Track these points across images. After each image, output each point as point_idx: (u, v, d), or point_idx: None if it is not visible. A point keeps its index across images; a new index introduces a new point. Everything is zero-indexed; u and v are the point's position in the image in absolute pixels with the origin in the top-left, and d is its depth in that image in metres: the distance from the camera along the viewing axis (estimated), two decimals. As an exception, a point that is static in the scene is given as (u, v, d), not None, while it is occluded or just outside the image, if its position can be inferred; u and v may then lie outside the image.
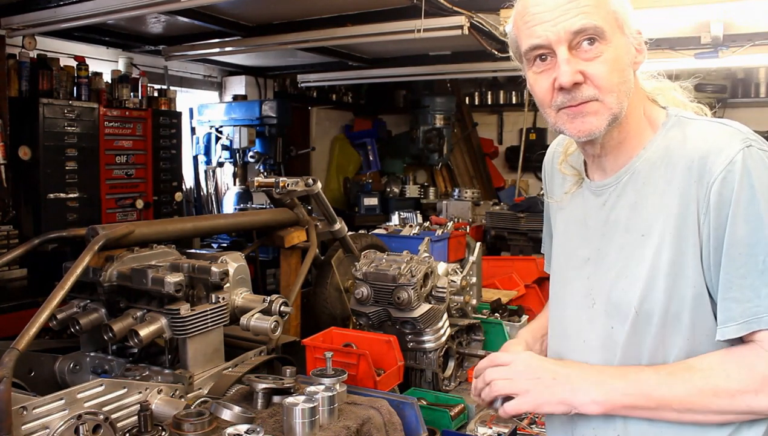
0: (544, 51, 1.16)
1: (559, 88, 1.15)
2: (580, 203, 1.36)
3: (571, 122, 1.18)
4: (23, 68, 4.20)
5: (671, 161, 1.18)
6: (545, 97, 1.19)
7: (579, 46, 1.14)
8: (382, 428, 1.75)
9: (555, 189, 1.47)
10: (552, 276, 1.45)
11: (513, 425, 2.13)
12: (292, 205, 3.00)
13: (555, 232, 1.47)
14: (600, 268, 1.26)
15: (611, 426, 1.23)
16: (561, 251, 1.41)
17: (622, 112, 1.18)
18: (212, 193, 6.26)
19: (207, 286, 2.06)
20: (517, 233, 4.96)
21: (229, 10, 4.22)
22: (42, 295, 1.90)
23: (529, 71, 1.22)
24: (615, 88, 1.15)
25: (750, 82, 7.06)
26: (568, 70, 1.13)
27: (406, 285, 2.27)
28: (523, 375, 1.23)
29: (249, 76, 6.56)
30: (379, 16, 4.10)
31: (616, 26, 1.16)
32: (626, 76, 1.17)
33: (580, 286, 1.30)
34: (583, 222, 1.33)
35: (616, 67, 1.15)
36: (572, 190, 1.38)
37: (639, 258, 1.18)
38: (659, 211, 1.17)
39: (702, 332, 1.15)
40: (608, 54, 1.14)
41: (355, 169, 8.13)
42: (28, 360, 2.02)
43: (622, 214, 1.24)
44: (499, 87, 8.48)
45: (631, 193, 1.23)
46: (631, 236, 1.21)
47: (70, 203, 4.30)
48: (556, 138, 1.51)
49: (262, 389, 1.76)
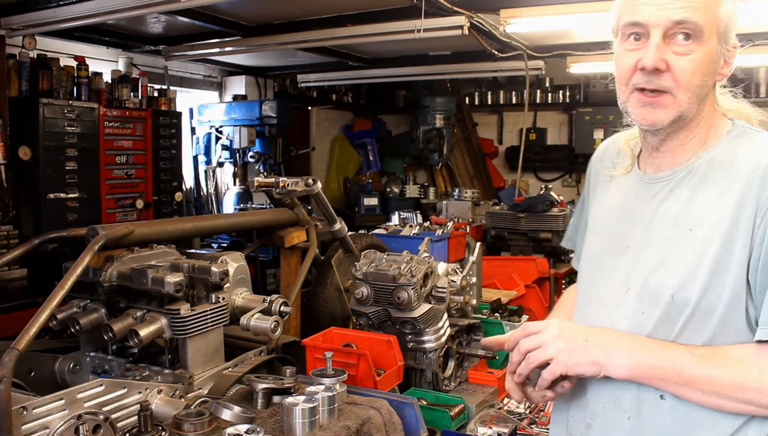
0: (640, 30, 1.20)
1: (641, 68, 1.19)
2: (623, 191, 1.40)
3: (640, 109, 1.23)
4: (23, 68, 4.20)
5: (733, 166, 1.22)
6: (625, 74, 1.24)
7: (674, 37, 1.18)
8: (382, 428, 1.76)
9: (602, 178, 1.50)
10: (584, 263, 1.47)
11: (513, 425, 2.13)
12: (292, 205, 3.00)
13: (590, 221, 1.50)
14: (641, 256, 1.29)
15: (621, 409, 1.26)
16: (599, 238, 1.43)
17: (690, 112, 1.22)
18: (212, 193, 6.26)
19: (207, 286, 2.06)
20: (517, 233, 4.95)
21: (229, 10, 4.22)
22: (42, 295, 1.90)
23: (620, 46, 1.26)
24: (692, 88, 1.20)
25: (750, 82, 7.05)
26: (656, 54, 1.17)
27: (406, 285, 2.27)
28: (555, 339, 1.24)
29: (249, 76, 6.56)
30: (379, 16, 4.11)
31: (716, 32, 1.20)
32: (706, 82, 1.22)
33: (617, 272, 1.32)
34: (624, 211, 1.37)
35: (701, 70, 1.19)
36: (621, 172, 1.42)
37: (683, 250, 1.21)
38: (712, 210, 1.20)
39: (731, 330, 1.18)
40: (698, 54, 1.18)
41: (355, 169, 8.13)
42: (28, 360, 2.02)
43: (672, 208, 1.27)
44: (499, 87, 8.48)
45: (686, 189, 1.26)
46: (678, 230, 1.24)
47: (70, 203, 4.29)
48: (607, 139, 1.57)
49: (262, 389, 1.76)
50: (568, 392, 1.34)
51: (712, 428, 1.19)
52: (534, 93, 8.00)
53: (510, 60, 4.90)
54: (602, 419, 1.30)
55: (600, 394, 1.30)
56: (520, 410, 2.30)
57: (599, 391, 1.30)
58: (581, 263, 1.49)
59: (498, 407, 2.32)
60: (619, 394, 1.27)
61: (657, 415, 1.22)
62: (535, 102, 8.11)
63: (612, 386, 1.27)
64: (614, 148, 1.50)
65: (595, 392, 1.31)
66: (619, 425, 1.27)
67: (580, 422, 1.35)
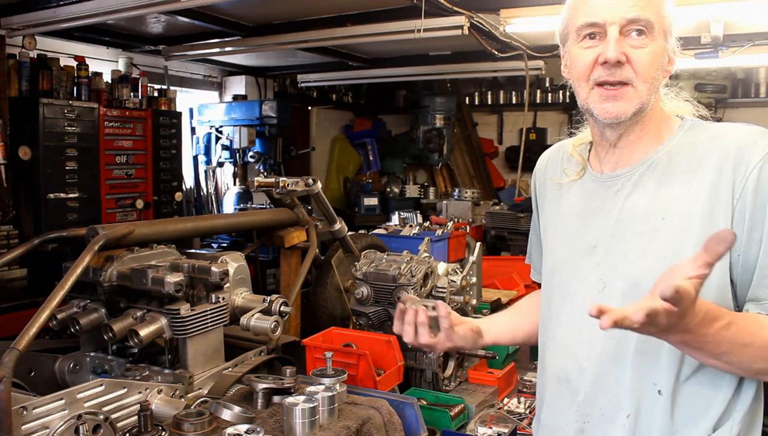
0: (596, 30, 1.26)
1: (602, 62, 1.24)
2: (579, 195, 1.41)
3: (602, 103, 1.27)
4: (23, 68, 4.20)
5: (696, 154, 1.26)
6: (584, 70, 1.28)
7: (629, 34, 1.24)
8: (382, 428, 1.76)
9: (549, 187, 1.53)
10: (548, 272, 1.47)
11: (513, 425, 2.13)
12: (292, 205, 3.00)
13: (546, 231, 1.51)
14: (614, 252, 1.29)
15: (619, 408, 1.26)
16: (560, 245, 1.43)
17: (648, 105, 1.27)
18: (212, 193, 6.26)
19: (207, 286, 2.06)
20: (517, 233, 4.96)
21: (229, 10, 4.22)
22: (42, 295, 1.90)
23: (574, 46, 1.31)
24: (649, 80, 1.25)
25: (750, 82, 7.05)
26: (616, 47, 1.22)
27: (406, 285, 2.27)
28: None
29: (249, 76, 6.57)
30: (379, 16, 4.11)
31: (663, 29, 1.26)
32: (659, 75, 1.27)
33: (588, 273, 1.33)
34: (586, 212, 1.38)
35: (655, 62, 1.25)
36: (572, 178, 1.44)
37: (661, 240, 1.23)
38: (684, 198, 1.23)
39: None
40: (651, 48, 1.24)
41: (355, 169, 8.13)
42: (28, 360, 2.02)
43: (640, 201, 1.29)
44: (499, 87, 8.48)
45: (649, 182, 1.29)
46: (651, 221, 1.26)
47: (70, 203, 4.30)
48: (551, 148, 1.60)
49: (262, 389, 1.76)
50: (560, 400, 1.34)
51: (707, 412, 1.21)
52: (534, 93, 8.00)
53: (510, 60, 4.90)
54: (599, 420, 1.29)
55: (596, 396, 1.29)
56: (521, 410, 2.30)
57: (595, 393, 1.29)
58: (544, 272, 1.50)
59: (498, 407, 2.32)
60: (617, 392, 1.26)
61: (655, 411, 1.22)
62: (535, 102, 8.10)
63: (609, 386, 1.27)
64: (560, 156, 1.52)
65: (590, 395, 1.30)
66: (618, 423, 1.26)
67: (573, 427, 1.33)
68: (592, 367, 1.30)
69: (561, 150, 1.54)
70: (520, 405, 2.33)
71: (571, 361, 1.34)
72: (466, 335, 1.47)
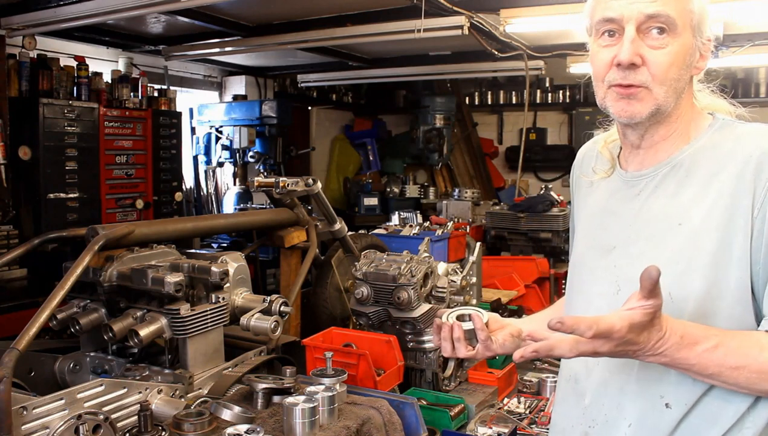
0: (614, 26, 1.20)
1: (617, 64, 1.19)
2: (606, 193, 1.38)
3: (617, 102, 1.22)
4: (23, 68, 4.20)
5: (719, 157, 1.20)
6: (601, 70, 1.23)
7: (648, 32, 1.17)
8: (382, 428, 1.76)
9: (583, 182, 1.50)
10: (570, 269, 1.46)
11: (513, 425, 2.13)
12: (292, 205, 3.00)
13: (577, 225, 1.49)
14: (628, 255, 1.26)
15: (622, 417, 1.24)
16: (583, 241, 1.42)
17: (667, 106, 1.21)
18: (212, 193, 6.26)
19: (207, 286, 2.06)
20: (517, 233, 4.95)
21: (229, 10, 4.22)
22: (42, 295, 1.90)
23: (594, 43, 1.26)
24: (668, 82, 1.19)
25: (750, 82, 7.06)
26: (630, 48, 1.16)
27: (406, 285, 2.27)
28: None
29: (249, 76, 6.57)
30: (379, 16, 4.11)
31: (690, 25, 1.19)
32: (682, 75, 1.21)
33: (605, 274, 1.30)
34: (608, 211, 1.35)
35: (676, 63, 1.18)
36: (602, 176, 1.41)
37: (675, 245, 1.19)
38: (702, 202, 1.18)
39: (738, 327, 1.13)
40: (673, 48, 1.18)
41: (355, 169, 8.13)
42: (28, 360, 2.02)
43: (658, 204, 1.25)
44: (499, 87, 8.48)
45: (672, 184, 1.24)
46: (667, 225, 1.22)
47: (70, 203, 4.29)
48: (589, 141, 1.56)
49: (262, 389, 1.76)
50: (568, 400, 1.33)
51: (713, 426, 1.16)
52: (534, 93, 8.00)
53: (510, 60, 4.90)
54: (603, 426, 1.28)
55: (601, 401, 1.28)
56: (521, 410, 2.30)
57: (600, 398, 1.28)
58: (569, 268, 1.48)
59: (498, 407, 2.32)
60: (620, 400, 1.25)
61: (661, 424, 1.20)
62: (535, 102, 8.11)
63: (614, 393, 1.26)
64: (592, 153, 1.49)
65: (596, 399, 1.29)
66: (620, 431, 1.25)
67: (579, 430, 1.33)
68: (598, 370, 1.29)
69: (594, 147, 1.50)
70: (520, 405, 2.33)
71: (580, 361, 1.31)
72: (506, 341, 1.36)
